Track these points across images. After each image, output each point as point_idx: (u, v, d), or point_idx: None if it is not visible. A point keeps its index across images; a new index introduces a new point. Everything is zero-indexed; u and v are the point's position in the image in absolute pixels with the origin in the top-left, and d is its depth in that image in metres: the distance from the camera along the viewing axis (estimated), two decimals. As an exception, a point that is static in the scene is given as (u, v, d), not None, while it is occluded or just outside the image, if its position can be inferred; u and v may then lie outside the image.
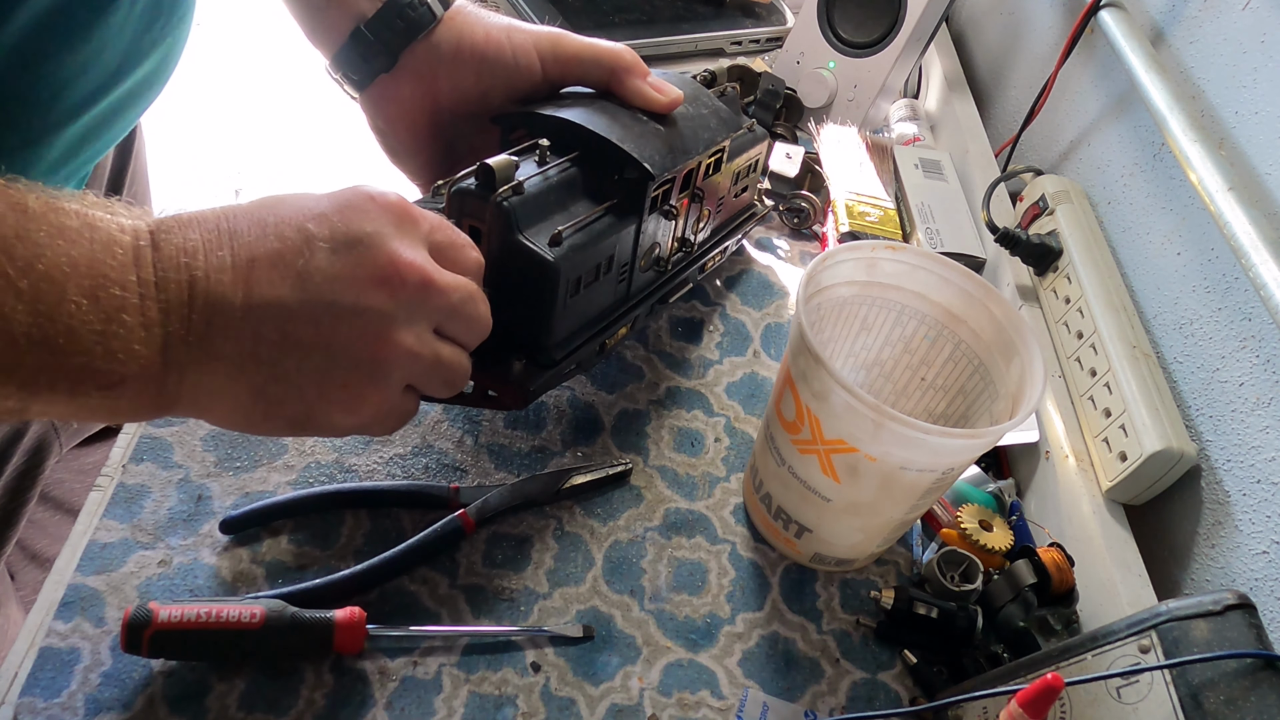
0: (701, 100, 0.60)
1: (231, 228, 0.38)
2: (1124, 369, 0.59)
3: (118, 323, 0.34)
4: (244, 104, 1.74)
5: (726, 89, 0.65)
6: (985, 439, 0.46)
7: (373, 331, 0.39)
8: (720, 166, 0.60)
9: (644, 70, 0.56)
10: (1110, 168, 0.71)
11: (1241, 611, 0.40)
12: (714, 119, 0.59)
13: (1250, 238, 0.50)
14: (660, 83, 0.56)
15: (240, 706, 0.46)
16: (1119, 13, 0.68)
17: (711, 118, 0.59)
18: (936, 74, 0.90)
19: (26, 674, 0.45)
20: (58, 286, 0.33)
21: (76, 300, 0.33)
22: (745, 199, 0.69)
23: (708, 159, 0.58)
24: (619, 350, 0.64)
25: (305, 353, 0.38)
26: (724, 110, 0.61)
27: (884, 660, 0.53)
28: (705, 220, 0.62)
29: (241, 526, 0.51)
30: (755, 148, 0.65)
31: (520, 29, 0.55)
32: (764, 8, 0.96)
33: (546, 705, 0.48)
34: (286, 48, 0.88)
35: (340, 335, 0.39)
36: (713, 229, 0.65)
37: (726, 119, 0.60)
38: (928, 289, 0.54)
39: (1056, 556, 0.54)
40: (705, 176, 0.59)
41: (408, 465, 0.56)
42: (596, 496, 0.57)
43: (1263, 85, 0.57)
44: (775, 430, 0.52)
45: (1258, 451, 0.53)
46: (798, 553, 0.55)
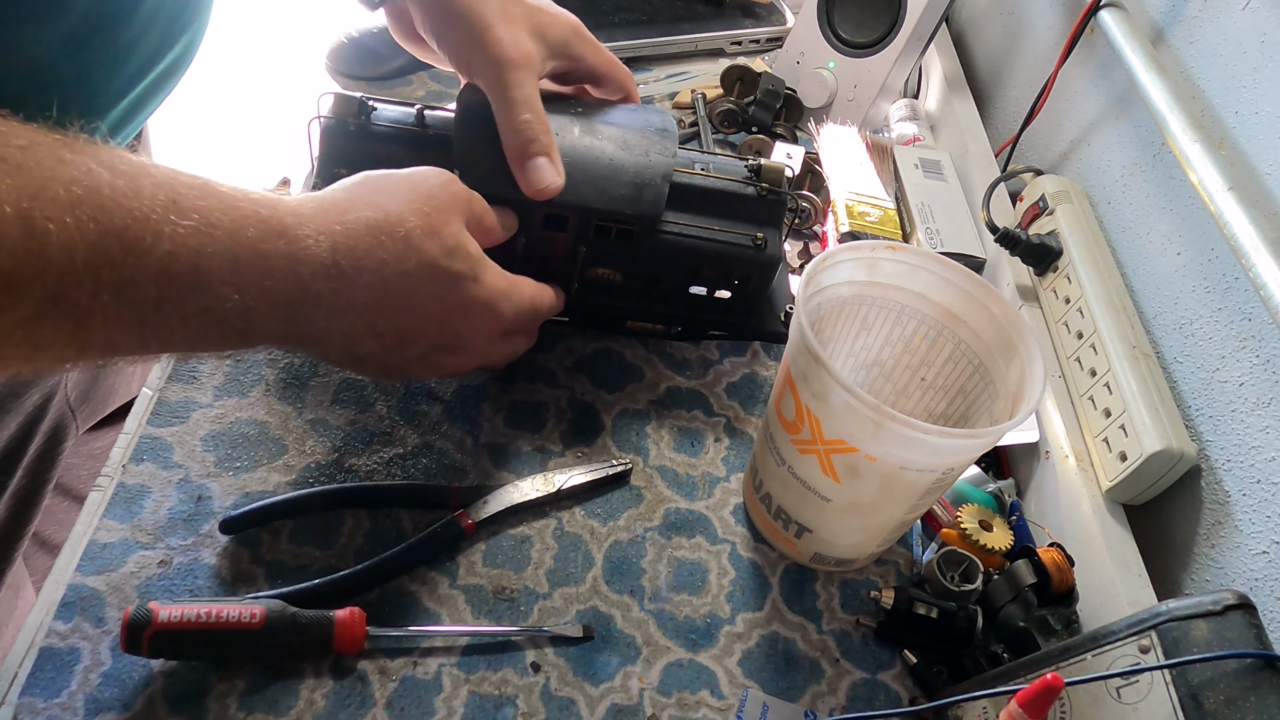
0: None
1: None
2: (1124, 369, 0.59)
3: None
4: (243, 103, 1.75)
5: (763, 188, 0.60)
6: (985, 439, 0.46)
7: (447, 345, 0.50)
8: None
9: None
10: (1110, 168, 0.71)
11: (1241, 611, 0.40)
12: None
13: (1250, 238, 0.50)
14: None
15: (240, 706, 0.46)
16: (1119, 13, 0.68)
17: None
18: (936, 74, 0.90)
19: (26, 674, 0.45)
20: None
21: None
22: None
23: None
24: (619, 350, 0.64)
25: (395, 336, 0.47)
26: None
27: (884, 660, 0.53)
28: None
29: (241, 526, 0.51)
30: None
31: (544, 11, 0.55)
32: (764, 8, 0.96)
33: (546, 705, 0.48)
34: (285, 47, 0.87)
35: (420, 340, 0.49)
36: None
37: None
38: (928, 289, 0.54)
39: (1056, 556, 0.54)
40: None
41: (408, 465, 0.56)
42: (596, 496, 0.57)
43: (1263, 85, 0.57)
44: (775, 430, 0.52)
45: (1258, 451, 0.53)
46: (798, 553, 0.55)
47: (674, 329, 0.65)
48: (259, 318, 0.41)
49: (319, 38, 0.82)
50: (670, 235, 0.57)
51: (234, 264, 0.39)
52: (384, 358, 0.48)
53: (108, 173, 0.35)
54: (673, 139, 0.58)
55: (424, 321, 0.48)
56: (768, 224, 0.59)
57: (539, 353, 0.63)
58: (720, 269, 0.59)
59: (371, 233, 0.44)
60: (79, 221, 0.34)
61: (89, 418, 0.71)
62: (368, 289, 0.44)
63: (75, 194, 0.34)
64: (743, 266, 0.59)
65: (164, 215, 0.36)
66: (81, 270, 0.34)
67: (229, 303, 0.39)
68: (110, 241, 0.35)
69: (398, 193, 0.46)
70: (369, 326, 0.46)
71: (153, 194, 0.36)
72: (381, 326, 0.46)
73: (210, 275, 0.38)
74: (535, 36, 0.54)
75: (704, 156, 0.60)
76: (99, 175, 0.35)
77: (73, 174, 0.34)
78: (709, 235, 0.57)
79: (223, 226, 0.39)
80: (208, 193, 0.39)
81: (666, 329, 0.65)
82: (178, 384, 0.57)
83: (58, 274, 0.33)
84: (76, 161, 0.35)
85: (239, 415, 0.56)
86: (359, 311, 0.45)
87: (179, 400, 0.56)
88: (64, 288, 0.34)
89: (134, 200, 0.36)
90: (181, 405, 0.56)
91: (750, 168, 0.59)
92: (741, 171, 0.59)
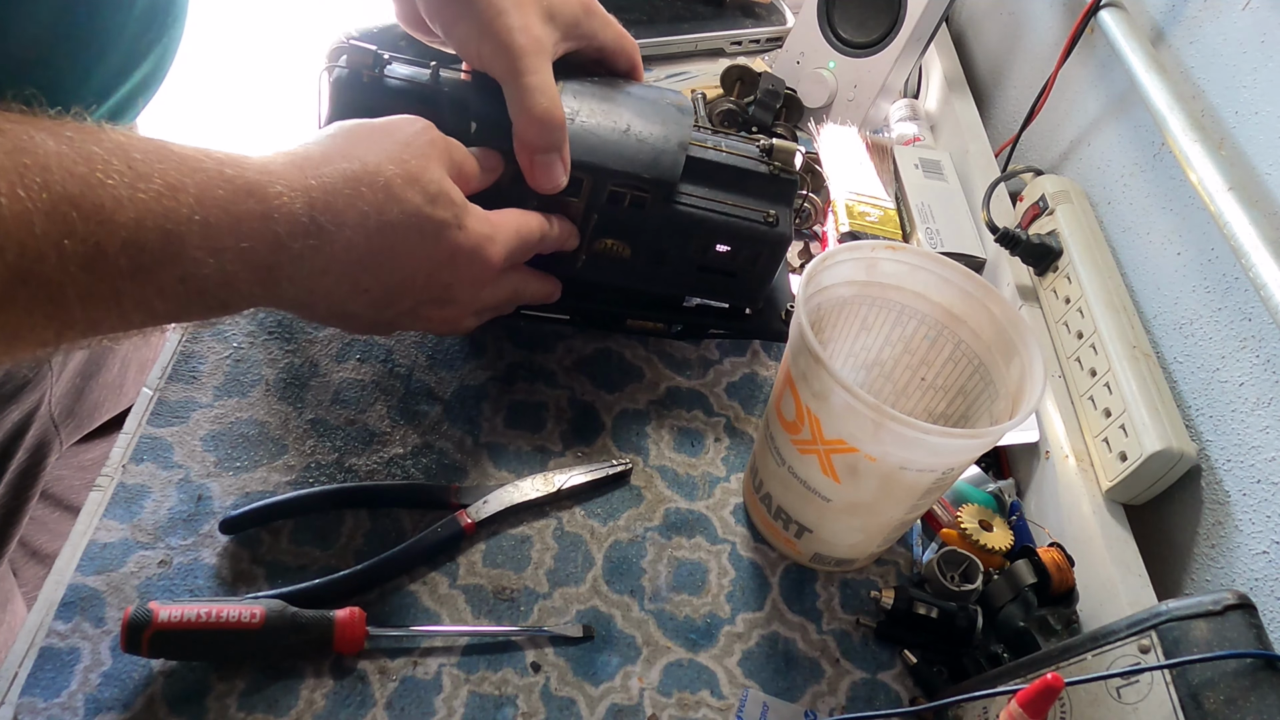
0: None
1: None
2: (1124, 369, 0.59)
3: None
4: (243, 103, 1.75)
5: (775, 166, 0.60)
6: (985, 439, 0.46)
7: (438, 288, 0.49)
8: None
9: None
10: (1110, 168, 0.71)
11: (1241, 611, 0.40)
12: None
13: (1250, 238, 0.50)
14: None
15: (240, 706, 0.46)
16: (1119, 13, 0.68)
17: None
18: (936, 74, 0.90)
19: (26, 674, 0.45)
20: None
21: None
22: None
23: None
24: (619, 350, 0.64)
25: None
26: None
27: (884, 660, 0.53)
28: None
29: (241, 526, 0.51)
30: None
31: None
32: (764, 8, 0.96)
33: (546, 705, 0.48)
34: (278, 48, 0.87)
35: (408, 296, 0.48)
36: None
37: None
38: (928, 289, 0.54)
39: (1056, 556, 0.54)
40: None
41: (408, 465, 0.56)
42: (596, 496, 0.57)
43: (1263, 85, 0.57)
44: (775, 430, 0.52)
45: (1258, 451, 0.53)
46: (798, 553, 0.55)
47: (674, 328, 0.65)
48: (239, 283, 0.40)
49: (319, 38, 0.82)
50: (683, 206, 0.57)
51: (205, 228, 0.37)
52: (372, 315, 0.47)
53: (52, 140, 0.34)
54: (689, 114, 0.58)
55: (411, 274, 0.46)
56: (779, 202, 0.59)
57: (539, 352, 0.63)
58: (730, 244, 0.59)
59: (350, 185, 0.43)
60: (29, 191, 0.32)
61: (74, 432, 0.71)
62: (349, 244, 0.43)
63: (21, 162, 0.32)
64: (753, 242, 0.58)
65: (120, 180, 0.35)
66: (43, 241, 0.32)
67: (206, 269, 0.38)
68: (66, 209, 0.33)
69: (374, 142, 0.45)
70: (354, 283, 0.45)
71: (105, 159, 0.35)
72: (367, 282, 0.45)
73: (182, 241, 0.37)
74: (546, 19, 0.52)
75: (717, 136, 0.60)
76: (42, 142, 0.33)
77: (15, 143, 0.32)
78: (721, 209, 0.57)
79: (187, 189, 0.37)
80: (165, 155, 0.37)
81: (667, 328, 0.65)
82: (178, 384, 0.57)
83: (17, 248, 0.32)
84: (14, 130, 0.33)
85: (239, 415, 0.56)
86: (342, 268, 0.44)
87: (179, 400, 0.56)
88: (28, 263, 0.32)
89: (85, 166, 0.34)
90: (181, 405, 0.56)
91: (762, 147, 0.59)
92: (754, 151, 0.59)
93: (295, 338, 0.60)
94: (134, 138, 0.37)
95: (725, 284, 0.61)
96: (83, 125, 0.36)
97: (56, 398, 0.66)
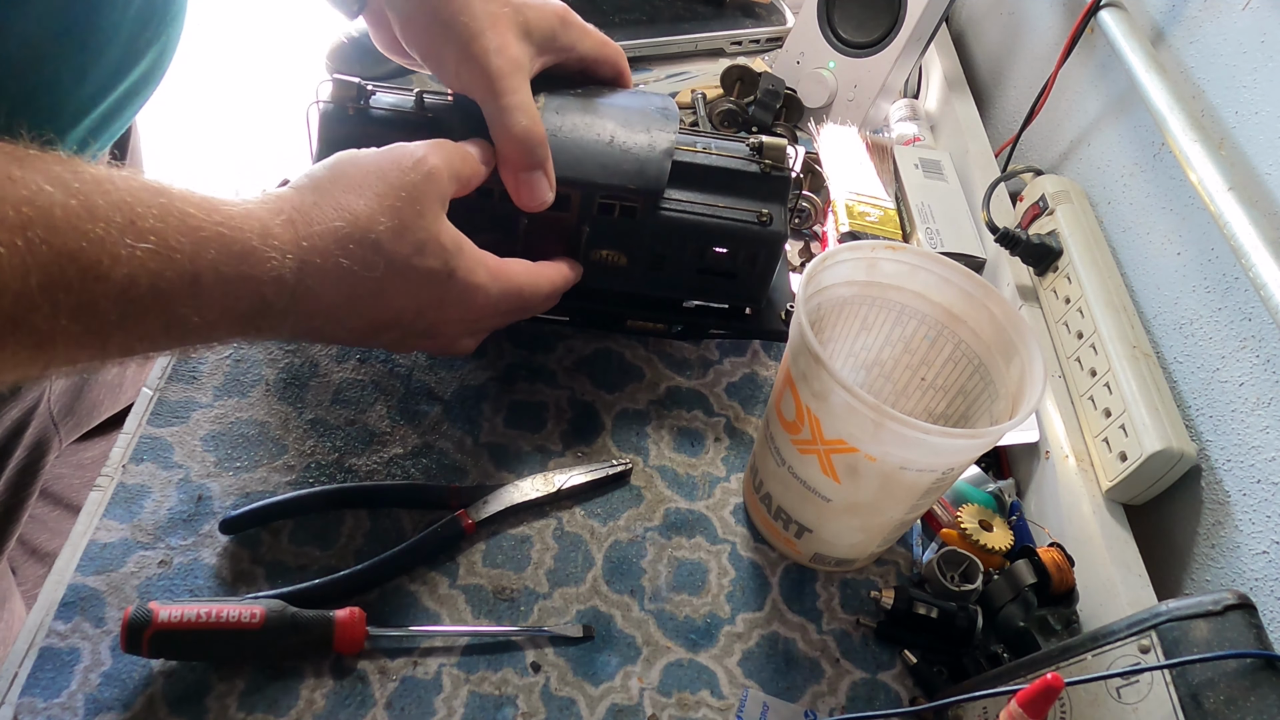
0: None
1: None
2: (1124, 369, 0.59)
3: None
4: (243, 103, 1.75)
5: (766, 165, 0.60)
6: (985, 439, 0.46)
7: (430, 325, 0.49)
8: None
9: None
10: (1110, 168, 0.71)
11: (1241, 611, 0.40)
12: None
13: (1250, 238, 0.50)
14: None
15: (240, 706, 0.46)
16: (1119, 13, 0.68)
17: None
18: (936, 74, 0.90)
19: (26, 674, 0.45)
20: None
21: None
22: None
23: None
24: (619, 350, 0.64)
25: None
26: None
27: (884, 660, 0.53)
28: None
29: (241, 526, 0.51)
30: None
31: (529, 6, 0.53)
32: (764, 8, 0.96)
33: (546, 705, 0.48)
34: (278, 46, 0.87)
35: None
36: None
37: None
38: (928, 289, 0.54)
39: (1056, 556, 0.54)
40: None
41: (408, 465, 0.56)
42: (596, 496, 0.57)
43: (1263, 85, 0.57)
44: (775, 430, 0.52)
45: (1258, 451, 0.53)
46: (798, 553, 0.55)
47: (674, 329, 0.65)
48: (220, 331, 0.41)
49: (319, 38, 0.82)
50: (673, 212, 0.57)
51: (195, 287, 0.39)
52: (355, 342, 0.50)
53: (60, 192, 0.34)
54: (674, 118, 0.58)
55: (397, 314, 0.47)
56: (772, 201, 0.58)
57: (539, 352, 0.63)
58: (725, 246, 0.59)
59: (339, 245, 0.44)
60: (30, 244, 0.33)
61: (73, 430, 0.71)
62: (334, 298, 0.44)
63: (25, 215, 0.33)
64: (748, 243, 0.58)
65: (119, 238, 0.36)
66: (37, 294, 0.33)
67: (191, 321, 0.39)
68: (65, 264, 0.34)
69: (368, 188, 0.45)
70: (338, 324, 0.46)
71: (108, 214, 0.35)
72: (351, 324, 0.46)
73: (170, 297, 0.38)
74: (522, 36, 0.52)
75: (705, 139, 0.60)
76: (50, 195, 0.34)
77: (22, 193, 0.33)
78: (713, 212, 0.57)
79: (183, 250, 0.38)
80: (167, 212, 0.38)
81: (667, 328, 0.65)
82: (178, 384, 0.57)
83: (13, 297, 0.33)
84: (25, 179, 0.34)
85: (239, 415, 0.56)
86: (326, 315, 0.45)
87: (179, 400, 0.56)
88: (21, 311, 0.33)
89: (88, 222, 0.35)
90: (181, 405, 0.56)
91: (752, 145, 0.59)
92: (743, 150, 0.59)
93: (295, 338, 0.60)
94: (140, 190, 0.38)
95: (726, 285, 0.61)
96: (93, 173, 0.36)
97: (55, 395, 0.66)
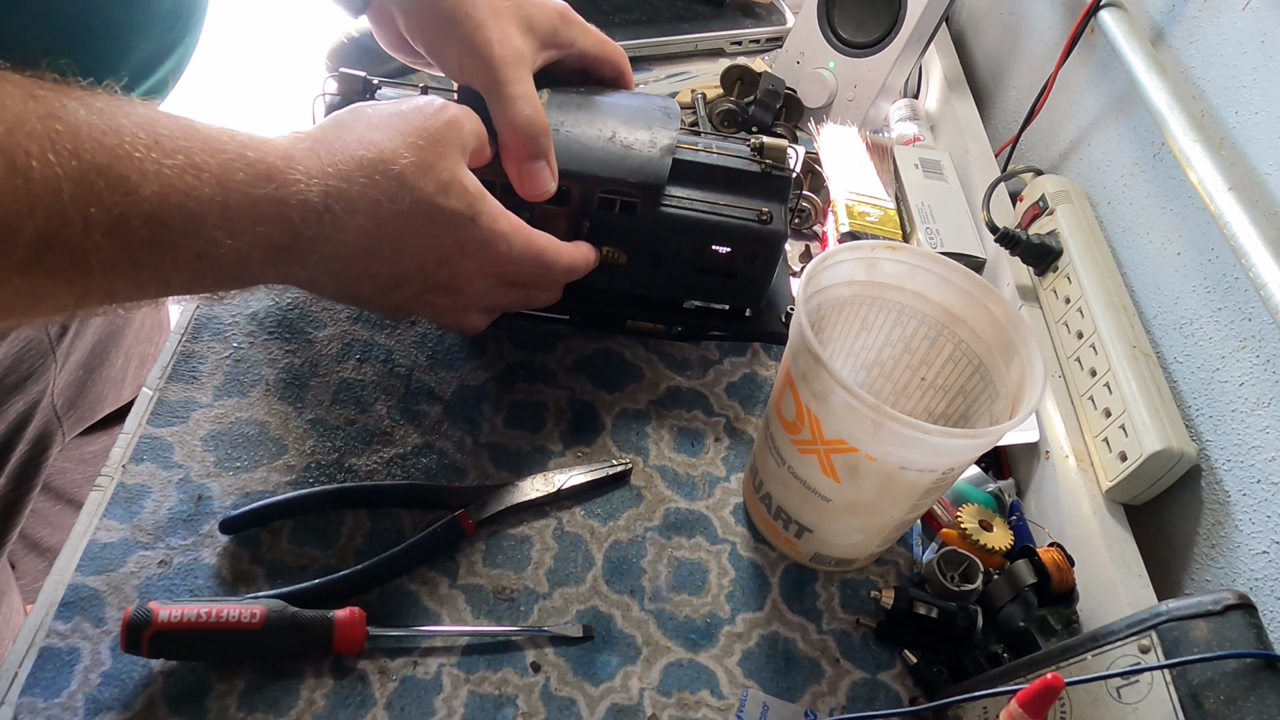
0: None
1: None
2: (1124, 369, 0.59)
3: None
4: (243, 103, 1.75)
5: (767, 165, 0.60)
6: (985, 439, 0.46)
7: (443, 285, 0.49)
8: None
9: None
10: (1110, 168, 0.71)
11: (1241, 611, 0.40)
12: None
13: (1250, 238, 0.50)
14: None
15: (240, 706, 0.46)
16: (1119, 13, 0.68)
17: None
18: (936, 74, 0.90)
19: (26, 674, 0.45)
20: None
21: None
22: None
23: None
24: (619, 350, 0.64)
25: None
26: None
27: (884, 660, 0.53)
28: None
29: (241, 526, 0.51)
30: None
31: (531, 2, 0.54)
32: (764, 8, 0.96)
33: (546, 705, 0.48)
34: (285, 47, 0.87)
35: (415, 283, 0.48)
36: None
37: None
38: (928, 289, 0.54)
39: (1056, 556, 0.54)
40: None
41: (408, 465, 0.56)
42: (596, 496, 0.57)
43: (1263, 85, 0.57)
44: (775, 430, 0.52)
45: (1258, 451, 0.53)
46: (798, 553, 0.55)
47: (674, 329, 0.65)
48: (252, 263, 0.41)
49: (319, 38, 0.82)
50: (674, 209, 0.57)
51: (224, 209, 0.38)
52: (380, 299, 0.48)
53: (83, 109, 0.34)
54: (675, 117, 0.58)
55: (419, 261, 0.47)
56: (772, 200, 0.59)
57: (539, 352, 0.63)
58: (725, 244, 0.59)
59: (364, 172, 0.43)
60: (60, 157, 0.33)
61: (76, 424, 0.71)
62: (361, 231, 0.44)
63: (53, 129, 0.33)
64: (748, 241, 0.58)
65: (146, 155, 0.36)
66: (70, 208, 0.33)
67: (222, 247, 0.39)
68: (94, 178, 0.34)
69: (390, 127, 0.45)
70: (363, 268, 0.46)
71: (133, 132, 0.36)
72: (376, 269, 0.46)
73: (201, 219, 0.38)
74: (525, 30, 0.53)
75: (706, 139, 0.60)
76: (75, 111, 0.34)
77: (48, 109, 0.33)
78: (713, 209, 0.57)
79: (209, 169, 0.38)
80: (191, 133, 0.38)
81: (667, 329, 0.65)
82: (178, 384, 0.57)
83: (46, 212, 0.33)
84: (47, 98, 0.34)
85: (239, 415, 0.56)
86: (352, 254, 0.44)
87: (179, 400, 0.56)
88: (55, 226, 0.33)
89: (114, 137, 0.35)
90: (181, 405, 0.56)
91: (753, 146, 0.59)
92: (744, 150, 0.59)
93: (295, 338, 0.60)
94: (160, 114, 0.38)
95: (725, 285, 0.61)
96: (112, 97, 0.37)
97: (59, 389, 0.66)
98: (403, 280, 0.48)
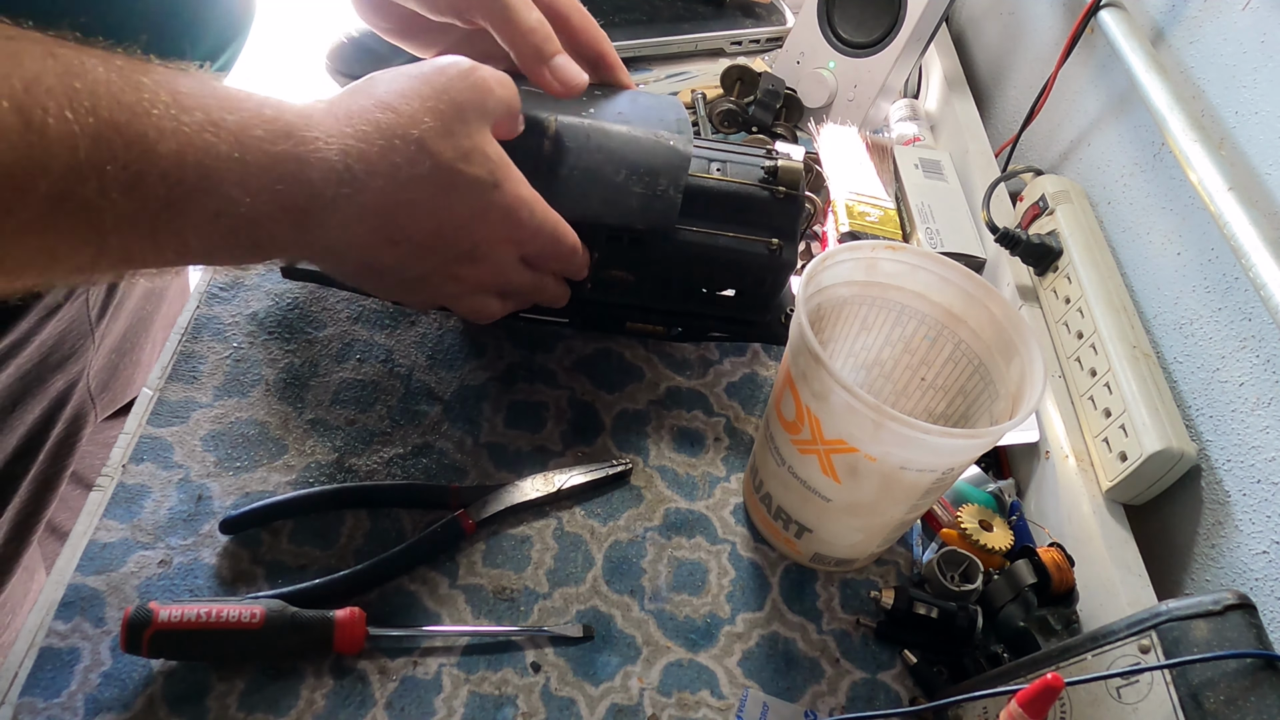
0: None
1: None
2: (1124, 369, 0.59)
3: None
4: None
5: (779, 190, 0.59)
6: (985, 439, 0.46)
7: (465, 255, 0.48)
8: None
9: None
10: (1110, 168, 0.71)
11: (1241, 611, 0.40)
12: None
13: (1250, 238, 0.50)
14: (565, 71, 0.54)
15: (240, 706, 0.46)
16: (1119, 13, 0.68)
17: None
18: (936, 74, 0.90)
19: (26, 674, 0.45)
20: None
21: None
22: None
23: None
24: (619, 350, 0.64)
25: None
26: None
27: (884, 660, 0.53)
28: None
29: (241, 526, 0.51)
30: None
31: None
32: (764, 8, 0.96)
33: (546, 705, 0.48)
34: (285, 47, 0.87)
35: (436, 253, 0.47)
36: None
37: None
38: (928, 289, 0.54)
39: (1056, 556, 0.54)
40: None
41: (408, 465, 0.56)
42: (596, 496, 0.57)
43: (1263, 85, 0.57)
44: (775, 430, 0.52)
45: (1258, 451, 0.53)
46: (798, 553, 0.55)
47: (674, 331, 0.65)
48: (271, 225, 0.40)
49: (319, 38, 0.82)
50: (683, 240, 0.56)
51: (242, 166, 0.38)
52: (402, 270, 0.47)
53: (102, 67, 0.34)
54: (687, 137, 0.55)
55: (441, 227, 0.46)
56: (783, 227, 0.58)
57: (539, 352, 0.63)
58: (733, 273, 0.58)
59: (384, 135, 0.43)
60: (77, 114, 0.33)
61: (108, 406, 0.72)
62: (381, 194, 0.43)
63: (71, 86, 0.33)
64: (756, 272, 0.58)
65: (164, 112, 0.35)
66: (86, 165, 0.33)
67: (240, 207, 0.38)
68: (112, 135, 0.34)
69: (411, 91, 0.45)
70: (385, 235, 0.45)
71: (153, 90, 0.35)
72: (398, 235, 0.45)
73: (219, 177, 0.37)
74: None
75: (721, 154, 0.59)
76: (93, 68, 0.34)
77: (66, 66, 0.33)
78: (722, 242, 0.57)
79: (227, 126, 0.38)
80: (209, 91, 0.38)
81: (666, 330, 0.65)
82: (178, 384, 0.57)
83: (62, 169, 0.32)
84: (67, 55, 0.34)
85: (239, 415, 0.56)
86: (374, 218, 0.44)
87: (179, 400, 0.56)
88: (70, 184, 0.33)
89: (132, 95, 0.35)
90: (181, 405, 0.56)
91: (767, 169, 0.58)
92: (758, 172, 0.58)
93: (295, 338, 0.60)
94: (180, 73, 0.38)
95: (731, 302, 0.61)
96: (131, 57, 0.36)
97: (95, 370, 0.67)
98: (426, 249, 0.47)
